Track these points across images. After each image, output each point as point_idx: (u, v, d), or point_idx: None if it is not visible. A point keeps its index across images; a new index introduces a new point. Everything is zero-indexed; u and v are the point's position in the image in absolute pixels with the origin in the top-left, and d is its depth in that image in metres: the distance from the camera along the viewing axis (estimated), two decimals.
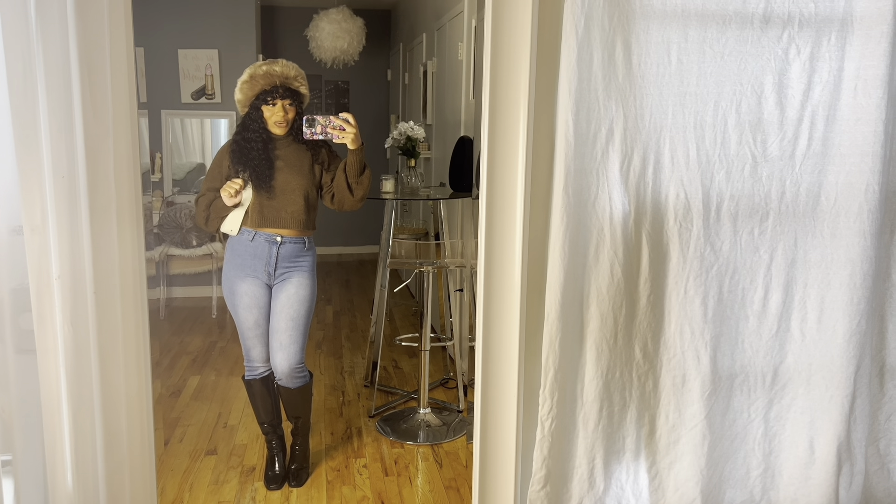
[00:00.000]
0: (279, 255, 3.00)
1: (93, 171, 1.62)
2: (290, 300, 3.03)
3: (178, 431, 3.82)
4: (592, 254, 2.01)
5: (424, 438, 3.77)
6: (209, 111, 6.49)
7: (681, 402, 2.08)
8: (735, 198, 2.05)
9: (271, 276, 3.03)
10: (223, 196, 2.91)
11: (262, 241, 2.98)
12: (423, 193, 4.42)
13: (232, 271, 3.05)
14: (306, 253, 3.08)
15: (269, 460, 3.32)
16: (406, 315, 6.18)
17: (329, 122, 2.77)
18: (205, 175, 3.11)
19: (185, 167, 6.73)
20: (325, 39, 6.31)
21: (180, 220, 6.01)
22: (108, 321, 1.69)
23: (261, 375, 3.20)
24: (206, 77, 6.38)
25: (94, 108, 1.59)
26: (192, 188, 6.55)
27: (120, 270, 1.67)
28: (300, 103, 3.00)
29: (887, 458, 2.26)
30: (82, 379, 1.67)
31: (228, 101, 6.43)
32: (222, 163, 3.01)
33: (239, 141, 2.97)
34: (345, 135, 2.81)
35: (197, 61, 6.34)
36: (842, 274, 2.07)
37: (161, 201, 6.27)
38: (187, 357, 5.03)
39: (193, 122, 6.63)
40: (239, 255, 3.02)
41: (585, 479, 2.08)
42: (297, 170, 2.98)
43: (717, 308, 2.07)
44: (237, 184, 2.89)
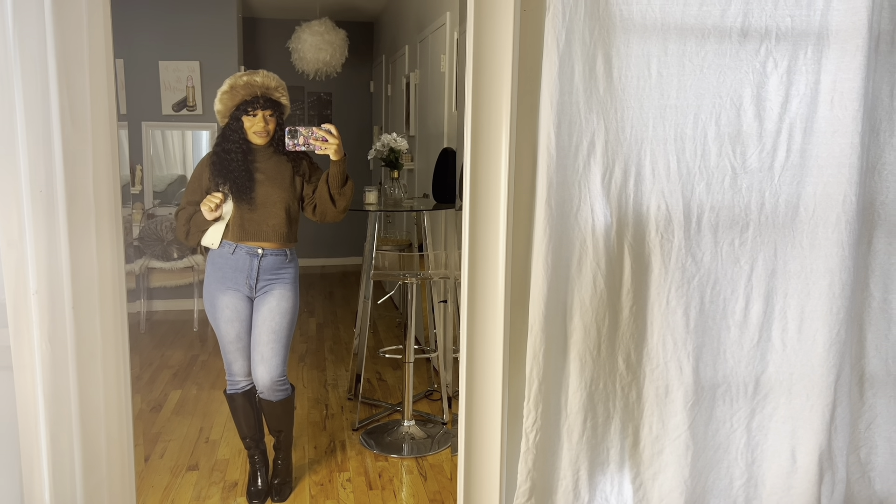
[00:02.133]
0: (260, 268, 2.98)
1: (71, 185, 1.60)
2: (271, 312, 3.01)
3: (158, 447, 3.77)
4: (575, 265, 2.02)
5: (409, 451, 3.75)
6: (190, 123, 6.46)
7: (664, 413, 2.09)
8: (715, 209, 2.07)
9: (252, 288, 3.01)
10: (203, 210, 2.89)
11: (242, 253, 2.97)
12: (407, 205, 4.42)
13: (213, 284, 3.02)
14: (288, 265, 3.06)
15: (252, 475, 3.28)
16: (390, 327, 6.16)
17: (311, 133, 2.77)
18: (185, 187, 3.10)
19: (165, 179, 6.69)
20: (307, 51, 6.31)
21: (161, 232, 5.96)
22: (86, 337, 1.67)
23: (242, 389, 3.16)
24: (187, 89, 6.35)
25: (73, 120, 1.57)
26: (173, 200, 6.51)
27: (99, 285, 1.65)
28: (281, 114, 2.99)
29: (868, 466, 2.28)
30: (60, 396, 1.65)
31: (209, 112, 6.40)
32: (202, 175, 2.99)
33: (219, 153, 2.95)
34: (327, 146, 2.80)
35: (178, 73, 6.32)
36: (821, 284, 2.10)
37: (142, 214, 6.22)
38: (168, 371, 4.98)
39: (175, 134, 6.59)
40: (220, 269, 3.00)
41: (570, 491, 2.08)
42: (278, 182, 2.97)
43: (698, 318, 2.08)
44: (217, 198, 2.87)
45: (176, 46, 6.28)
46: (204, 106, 6.39)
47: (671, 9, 1.96)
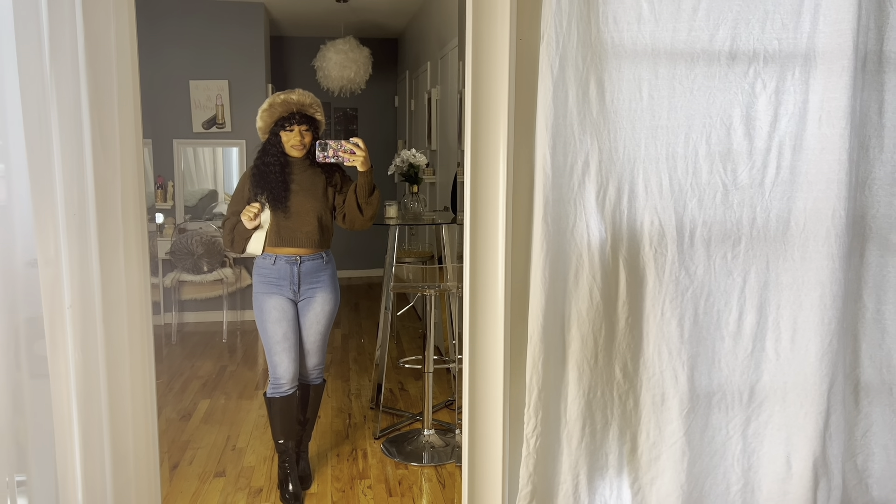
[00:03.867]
0: (301, 273, 3.21)
1: (102, 208, 1.76)
2: (318, 317, 3.31)
3: (187, 454, 3.90)
4: (572, 279, 2.12)
5: (429, 459, 3.82)
6: (220, 140, 6.64)
7: (661, 420, 2.17)
8: (708, 224, 2.16)
9: (297, 293, 3.24)
10: (243, 219, 3.10)
11: (283, 263, 3.19)
12: (427, 218, 4.53)
13: (260, 291, 3.24)
14: (326, 267, 3.30)
15: (283, 480, 3.39)
16: (413, 337, 6.26)
17: (340, 145, 2.95)
18: (217, 202, 3.38)
19: (197, 194, 6.88)
20: (332, 69, 6.47)
21: (192, 246, 6.15)
22: (115, 347, 1.82)
23: (285, 393, 3.28)
24: (216, 107, 6.55)
25: (104, 148, 1.73)
26: (203, 215, 6.70)
27: (127, 300, 1.80)
28: (316, 129, 3.20)
29: (865, 473, 2.33)
30: (91, 402, 1.79)
31: (239, 129, 6.58)
32: (244, 187, 3.21)
33: (259, 165, 3.18)
34: (355, 157, 2.99)
35: (208, 92, 6.51)
36: (812, 295, 2.16)
37: (173, 228, 6.42)
38: (198, 381, 5.13)
39: (206, 151, 6.78)
40: (265, 277, 3.22)
41: (570, 495, 2.17)
42: (311, 193, 3.17)
43: (693, 329, 2.17)
44: (255, 207, 3.08)
45: (205, 66, 6.47)
46: (233, 123, 6.57)
47: (661, 35, 2.06)
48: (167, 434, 4.16)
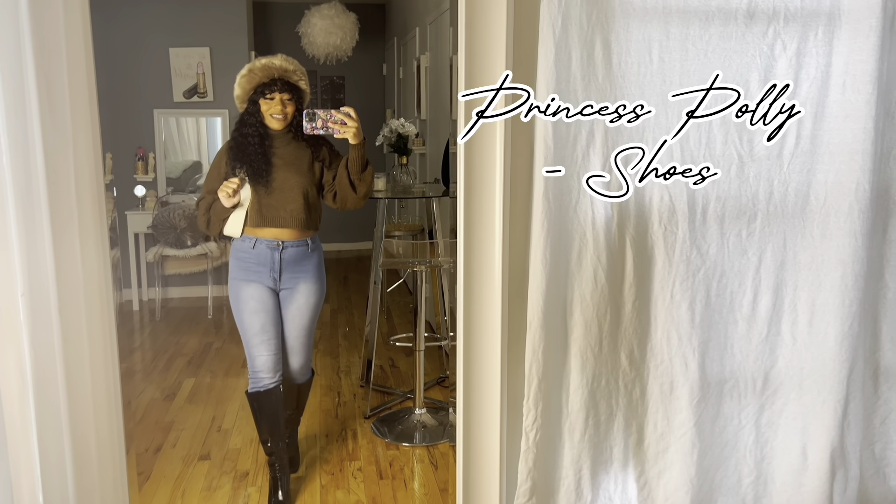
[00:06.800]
0: (283, 261, 2.94)
1: (53, 182, 1.57)
2: (300, 311, 3.03)
3: (171, 436, 3.79)
4: (575, 260, 1.96)
5: (420, 440, 3.73)
6: (202, 109, 6.44)
7: (669, 410, 2.03)
8: (721, 199, 2.00)
9: (277, 281, 2.97)
10: (220, 196, 2.84)
11: (263, 247, 2.92)
12: (417, 190, 4.37)
13: (237, 277, 2.98)
14: (311, 255, 3.01)
15: (272, 486, 3.13)
16: (404, 312, 6.14)
17: (330, 116, 2.71)
18: (201, 174, 3.10)
19: (180, 166, 6.69)
20: (317, 35, 6.26)
21: (174, 220, 5.97)
22: (73, 338, 1.65)
23: (266, 388, 3.02)
24: (197, 76, 6.33)
25: (52, 115, 1.54)
26: (187, 187, 6.51)
27: (84, 286, 1.63)
28: (300, 99, 2.94)
29: (883, 462, 2.21)
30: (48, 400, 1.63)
31: (221, 99, 6.38)
32: (221, 163, 2.96)
33: (237, 138, 2.92)
34: (346, 129, 2.74)
35: (188, 59, 6.29)
36: (833, 275, 2.02)
37: (155, 201, 6.23)
38: (182, 359, 5.01)
39: (188, 121, 6.59)
40: (243, 262, 2.96)
41: (572, 491, 2.04)
42: (296, 168, 2.91)
43: (704, 313, 2.02)
44: (234, 183, 2.83)
45: (186, 33, 6.25)
46: (215, 92, 6.37)
47: None
48: (150, 415, 4.05)
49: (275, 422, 3.10)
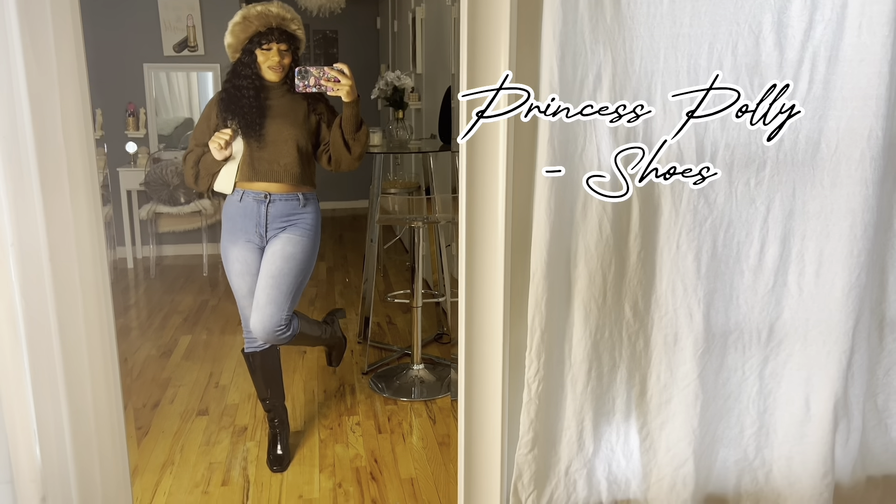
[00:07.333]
0: (269, 214, 2.82)
1: (39, 130, 1.50)
2: (273, 257, 2.81)
3: (168, 392, 3.78)
4: (580, 210, 1.91)
5: (418, 394, 3.74)
6: (193, 64, 6.31)
7: (673, 362, 2.01)
8: (730, 147, 1.94)
9: (263, 237, 2.86)
10: (212, 148, 2.74)
11: (250, 200, 2.82)
12: (413, 146, 4.30)
13: (225, 235, 2.90)
14: (302, 211, 2.86)
15: (272, 440, 3.11)
16: (400, 269, 6.12)
17: (323, 73, 2.62)
18: (192, 130, 2.95)
19: (172, 122, 6.58)
20: None
21: (167, 177, 5.89)
22: (66, 292, 1.60)
23: (261, 348, 3.00)
24: (187, 28, 6.18)
25: (38, 59, 1.47)
26: (179, 144, 6.41)
27: (76, 235, 1.57)
28: (296, 49, 2.81)
29: (885, 413, 2.20)
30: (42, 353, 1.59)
31: (212, 53, 6.24)
32: (210, 115, 2.85)
33: (229, 89, 2.80)
34: (340, 87, 2.64)
35: (178, 11, 6.14)
36: (842, 225, 1.98)
37: (147, 158, 6.14)
38: (178, 316, 4.99)
39: (179, 76, 6.45)
40: (231, 219, 2.87)
41: (574, 442, 2.02)
42: (291, 119, 2.81)
43: (710, 263, 1.98)
44: (226, 134, 2.72)
45: None
46: (205, 46, 6.22)
47: None
48: (147, 372, 4.04)
49: (272, 379, 3.09)
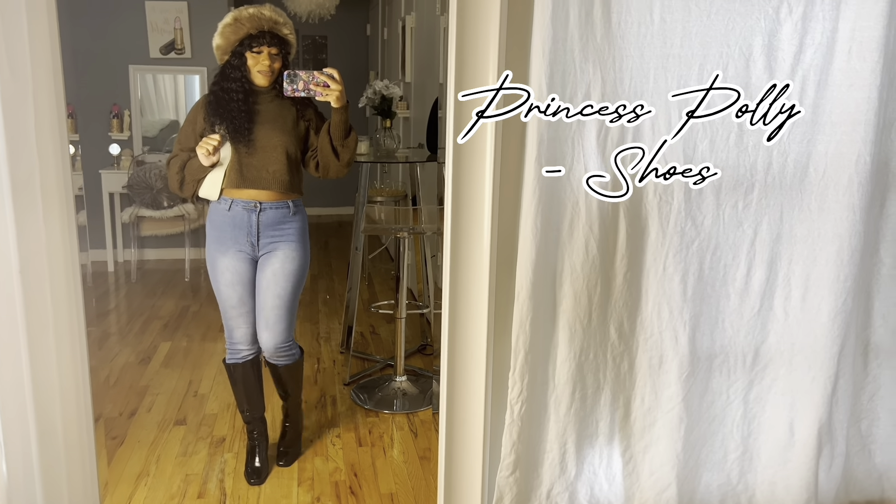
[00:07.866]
0: (260, 223, 2.77)
1: (12, 143, 1.45)
2: (276, 276, 2.80)
3: (146, 401, 3.71)
4: (566, 229, 1.88)
5: (400, 407, 3.69)
6: (180, 66, 6.25)
7: (657, 384, 1.98)
8: (718, 168, 1.92)
9: (255, 247, 2.80)
10: (199, 154, 2.67)
11: (239, 209, 2.76)
12: (401, 155, 4.26)
13: (213, 245, 2.82)
14: (292, 219, 2.82)
15: (250, 452, 3.04)
16: (385, 279, 6.07)
17: (312, 77, 2.57)
18: (177, 133, 2.87)
19: (157, 124, 6.51)
20: None
21: (150, 180, 5.82)
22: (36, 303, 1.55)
23: (244, 360, 2.93)
24: (175, 31, 6.12)
25: (12, 69, 1.42)
26: (164, 147, 6.34)
27: (48, 247, 1.52)
28: (287, 53, 2.76)
29: (869, 438, 2.19)
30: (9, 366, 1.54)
31: (199, 56, 6.19)
32: (196, 119, 2.78)
33: (217, 92, 2.73)
34: (329, 92, 2.59)
35: (165, 14, 6.08)
36: (829, 250, 1.96)
37: (130, 160, 6.06)
38: (158, 322, 4.91)
39: (165, 78, 6.39)
40: (218, 228, 2.80)
41: (557, 464, 1.99)
42: (280, 126, 2.75)
43: (697, 286, 1.96)
44: (215, 139, 2.65)
45: None
46: (193, 49, 6.17)
47: None
48: (124, 379, 3.96)
49: (253, 392, 3.02)
